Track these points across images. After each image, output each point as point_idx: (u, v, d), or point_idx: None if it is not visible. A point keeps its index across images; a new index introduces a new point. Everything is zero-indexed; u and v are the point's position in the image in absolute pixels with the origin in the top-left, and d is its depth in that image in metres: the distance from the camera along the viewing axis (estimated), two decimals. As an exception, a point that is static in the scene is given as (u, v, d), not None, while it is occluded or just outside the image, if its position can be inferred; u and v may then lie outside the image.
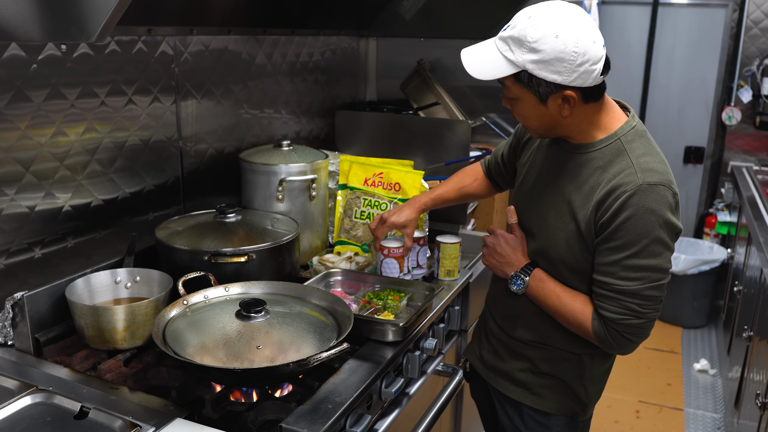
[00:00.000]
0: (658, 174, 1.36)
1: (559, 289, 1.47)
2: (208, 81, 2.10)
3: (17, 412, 1.27)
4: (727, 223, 4.37)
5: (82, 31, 1.12)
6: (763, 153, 4.44)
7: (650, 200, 1.33)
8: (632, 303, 1.36)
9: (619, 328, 1.38)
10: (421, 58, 2.86)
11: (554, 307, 1.47)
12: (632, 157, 1.38)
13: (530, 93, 1.35)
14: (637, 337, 1.40)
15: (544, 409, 1.57)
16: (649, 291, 1.36)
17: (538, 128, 1.44)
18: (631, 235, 1.33)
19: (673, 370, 3.78)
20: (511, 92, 1.39)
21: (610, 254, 1.37)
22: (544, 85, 1.32)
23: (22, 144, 1.56)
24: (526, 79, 1.33)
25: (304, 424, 1.26)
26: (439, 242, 1.96)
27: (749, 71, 4.32)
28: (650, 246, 1.34)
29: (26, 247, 1.61)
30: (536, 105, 1.36)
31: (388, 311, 1.70)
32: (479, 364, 1.73)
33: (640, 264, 1.35)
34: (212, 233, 1.80)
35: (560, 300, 1.46)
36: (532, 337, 1.56)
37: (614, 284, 1.37)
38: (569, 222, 1.42)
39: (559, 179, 1.47)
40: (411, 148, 2.49)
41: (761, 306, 2.65)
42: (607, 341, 1.41)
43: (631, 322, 1.37)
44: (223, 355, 1.35)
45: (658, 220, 1.33)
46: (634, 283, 1.35)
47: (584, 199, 1.40)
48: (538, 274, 1.50)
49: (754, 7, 4.28)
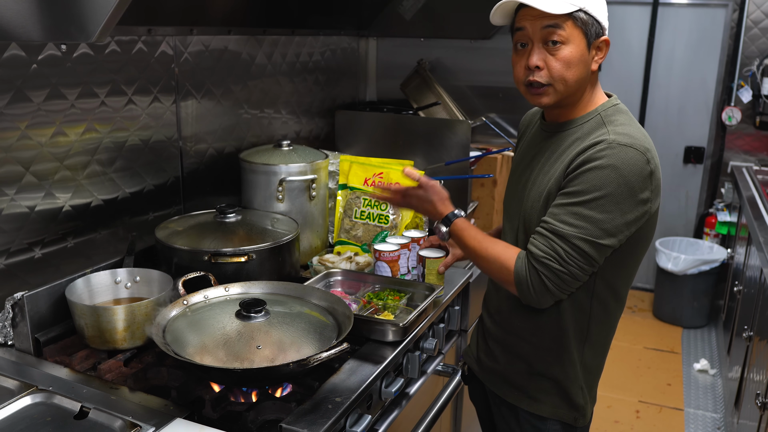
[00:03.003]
0: (632, 138, 1.37)
1: (480, 236, 1.53)
2: (208, 81, 2.10)
3: (17, 412, 1.27)
4: (727, 223, 4.37)
5: (82, 31, 1.12)
6: (763, 153, 4.44)
7: (616, 158, 1.33)
8: (560, 246, 1.36)
9: (538, 266, 1.38)
10: (421, 58, 2.85)
11: (475, 249, 1.51)
12: (609, 126, 1.40)
13: (582, 34, 1.39)
14: (554, 285, 1.38)
15: (539, 413, 1.56)
16: (581, 242, 1.35)
17: (572, 82, 1.41)
18: (586, 183, 1.34)
19: (673, 370, 3.78)
20: (563, 34, 1.38)
21: (561, 198, 1.39)
22: (596, 26, 1.40)
23: (22, 144, 1.56)
24: (584, 17, 1.38)
25: (304, 424, 1.26)
26: (422, 257, 1.88)
27: (749, 71, 4.32)
28: (601, 200, 1.33)
29: (26, 247, 1.61)
30: (584, 49, 1.40)
31: (388, 311, 1.70)
32: (476, 367, 1.72)
33: (583, 213, 1.35)
34: (212, 233, 1.80)
35: (481, 244, 1.50)
36: (524, 323, 1.54)
37: (552, 224, 1.38)
38: (545, 188, 1.45)
39: (544, 164, 1.49)
40: (411, 148, 2.49)
41: (761, 306, 2.65)
42: (526, 281, 1.40)
43: (552, 265, 1.37)
44: (223, 355, 1.35)
45: (618, 178, 1.33)
46: (569, 228, 1.36)
47: (559, 165, 1.43)
48: (460, 223, 1.57)
49: (754, 7, 4.28)
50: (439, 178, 2.33)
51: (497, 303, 1.63)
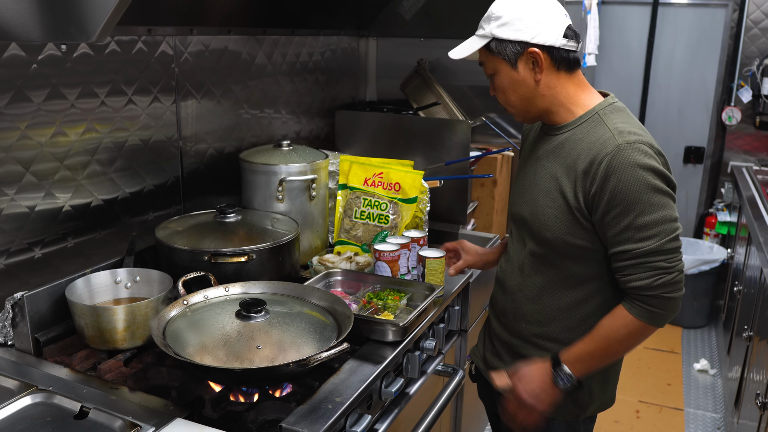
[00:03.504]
0: (636, 135, 1.39)
1: (588, 337, 1.45)
2: (208, 81, 2.10)
3: (17, 412, 1.27)
4: (727, 223, 4.37)
5: (82, 31, 1.12)
6: (763, 153, 4.44)
7: (632, 156, 1.35)
8: (658, 261, 1.35)
9: (654, 292, 1.36)
10: (421, 58, 2.85)
11: (602, 347, 1.44)
12: (609, 125, 1.41)
13: (502, 60, 1.44)
14: (675, 292, 1.38)
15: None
16: (669, 244, 1.35)
17: (518, 104, 1.48)
18: (627, 195, 1.34)
19: (673, 370, 3.78)
20: (488, 68, 1.48)
21: (617, 222, 1.37)
22: (511, 46, 1.42)
23: (22, 144, 1.56)
24: (495, 46, 1.43)
25: (304, 424, 1.26)
26: (422, 257, 1.88)
27: (749, 71, 4.32)
28: (651, 199, 1.34)
29: (26, 247, 1.61)
30: (510, 72, 1.44)
31: (388, 311, 1.70)
32: (482, 366, 1.74)
33: (650, 220, 1.34)
34: (212, 233, 1.80)
35: (595, 341, 1.44)
36: (535, 330, 1.55)
37: (633, 249, 1.36)
38: (557, 198, 1.44)
39: (545, 161, 1.50)
40: (411, 148, 2.49)
41: (761, 306, 2.65)
42: (652, 312, 1.38)
43: (664, 280, 1.36)
44: (223, 355, 1.35)
45: (645, 171, 1.34)
46: (652, 241, 1.35)
47: (567, 171, 1.43)
48: (563, 356, 1.47)
49: (754, 7, 4.28)
50: (439, 178, 2.34)
51: (502, 305, 1.64)
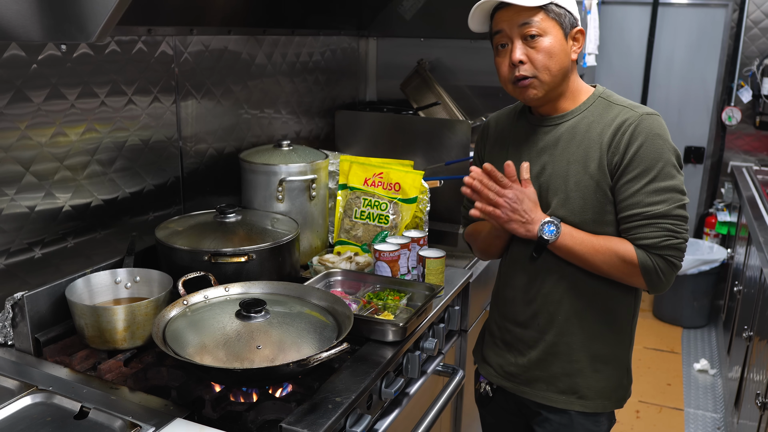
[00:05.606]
0: (652, 111, 1.47)
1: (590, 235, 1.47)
2: (208, 81, 2.11)
3: (17, 412, 1.27)
4: (727, 223, 4.38)
5: (82, 31, 1.12)
6: (763, 153, 4.44)
7: (655, 126, 1.43)
8: (667, 223, 1.41)
9: (662, 252, 1.42)
10: (421, 58, 2.85)
11: (591, 251, 1.46)
12: (621, 104, 1.50)
13: (557, 24, 1.45)
14: (678, 259, 1.44)
15: (594, 410, 1.56)
16: (677, 210, 1.42)
17: (557, 73, 1.47)
18: (646, 160, 1.41)
19: (673, 370, 3.78)
20: (539, 28, 1.44)
21: (632, 185, 1.43)
22: (569, 17, 1.45)
23: (22, 144, 1.56)
24: (556, 9, 1.44)
25: (304, 424, 1.26)
26: (422, 257, 1.87)
27: (749, 71, 4.32)
28: (665, 168, 1.41)
29: (26, 247, 1.61)
30: (561, 39, 1.45)
31: (388, 311, 1.70)
32: (508, 383, 1.66)
33: (662, 186, 1.41)
34: (212, 233, 1.80)
35: (593, 244, 1.46)
36: (574, 317, 1.54)
37: (645, 211, 1.42)
38: (582, 178, 1.46)
39: (555, 150, 1.51)
40: (411, 148, 2.49)
41: (761, 306, 2.65)
42: (654, 271, 1.43)
43: (671, 242, 1.41)
44: (223, 355, 1.35)
45: (665, 144, 1.43)
46: (662, 205, 1.41)
47: (590, 148, 1.46)
48: (564, 223, 1.48)
49: (754, 7, 4.28)
50: (439, 178, 2.34)
51: (536, 309, 1.57)
